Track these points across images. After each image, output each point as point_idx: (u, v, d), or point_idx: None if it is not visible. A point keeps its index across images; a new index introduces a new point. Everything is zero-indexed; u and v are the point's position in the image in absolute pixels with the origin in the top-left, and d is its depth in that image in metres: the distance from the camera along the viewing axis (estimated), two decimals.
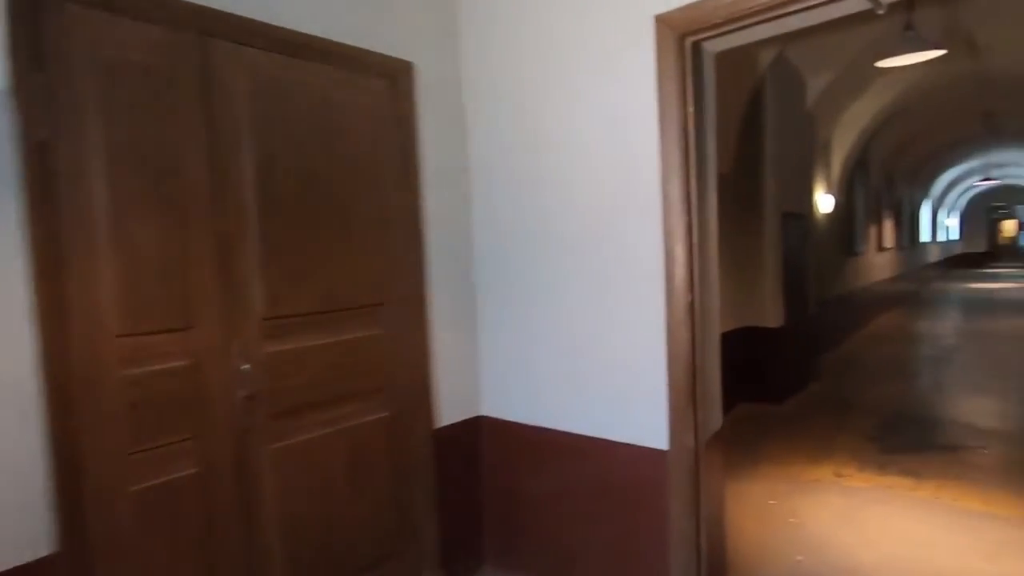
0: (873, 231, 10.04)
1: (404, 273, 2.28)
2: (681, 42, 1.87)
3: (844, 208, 8.25)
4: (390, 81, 2.24)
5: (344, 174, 2.10)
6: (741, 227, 5.08)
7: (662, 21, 1.89)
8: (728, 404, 4.40)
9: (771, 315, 5.12)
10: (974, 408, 5.00)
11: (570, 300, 2.25)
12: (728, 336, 5.23)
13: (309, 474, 2.00)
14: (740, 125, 4.90)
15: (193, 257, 1.70)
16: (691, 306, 1.94)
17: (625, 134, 2.04)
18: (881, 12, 1.85)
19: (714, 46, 1.97)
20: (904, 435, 4.30)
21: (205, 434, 1.74)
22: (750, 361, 5.11)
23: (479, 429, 2.57)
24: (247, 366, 1.80)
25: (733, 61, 4.42)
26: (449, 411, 2.47)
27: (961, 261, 22.41)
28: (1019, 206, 23.47)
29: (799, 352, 5.63)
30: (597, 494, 2.23)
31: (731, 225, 4.95)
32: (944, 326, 9.52)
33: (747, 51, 4.49)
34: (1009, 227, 25.95)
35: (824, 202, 7.14)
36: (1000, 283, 16.30)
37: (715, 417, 2.15)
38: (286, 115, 1.94)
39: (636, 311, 2.06)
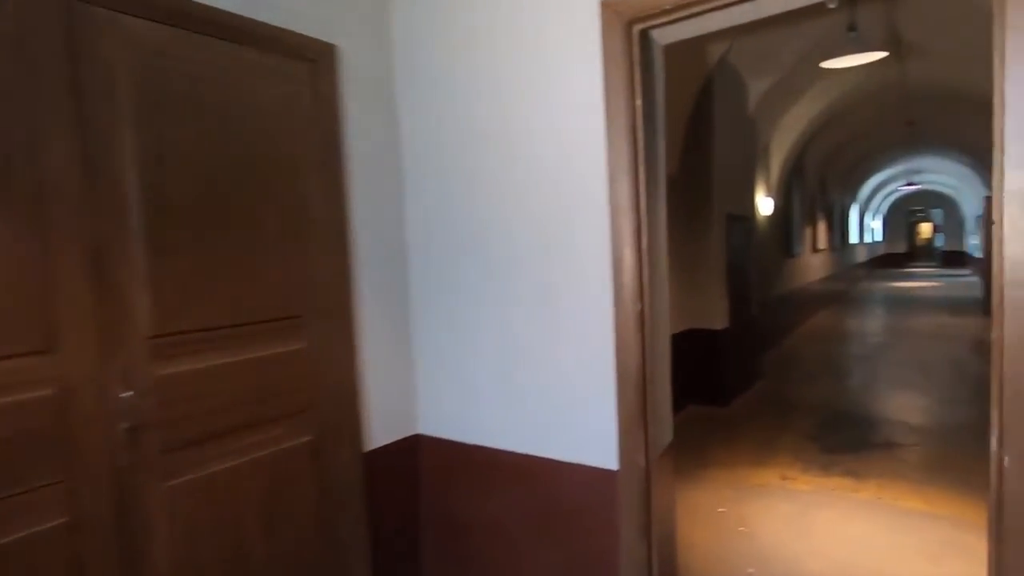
0: (808, 233, 10.43)
1: (327, 281, 2.04)
2: (628, 29, 1.73)
3: (782, 211, 8.49)
4: (310, 66, 2.00)
5: (255, 170, 1.85)
6: (688, 229, 5.07)
7: (608, 6, 1.74)
8: (677, 406, 4.28)
9: (717, 317, 5.14)
10: (904, 405, 5.18)
11: (512, 309, 2.07)
12: (675, 338, 5.23)
13: (215, 512, 1.74)
14: (687, 126, 4.88)
15: (58, 264, 1.41)
16: (641, 315, 1.80)
17: (569, 129, 1.88)
18: (832, 6, 1.77)
19: (663, 36, 1.84)
20: (843, 434, 4.38)
21: (76, 476, 1.45)
22: (697, 363, 5.11)
23: (416, 449, 2.36)
24: (129, 393, 1.52)
25: (681, 61, 4.38)
26: (382, 431, 2.24)
27: (885, 261, 23.84)
28: (934, 210, 25.20)
29: (744, 353, 5.69)
30: (543, 518, 2.07)
31: (678, 227, 4.93)
32: (872, 324, 9.99)
33: (694, 50, 4.46)
34: (925, 229, 27.89)
35: (764, 205, 7.30)
36: (918, 282, 17.41)
37: (665, 431, 2.03)
38: (182, 100, 1.66)
39: (582, 321, 1.91)
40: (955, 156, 12.92)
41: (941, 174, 16.26)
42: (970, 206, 19.54)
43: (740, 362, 5.59)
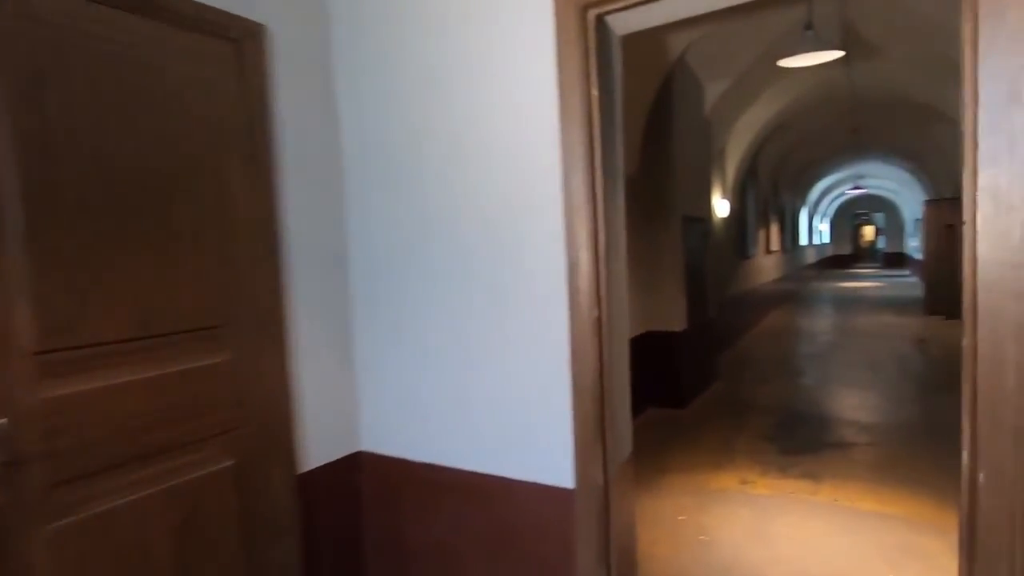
0: (762, 235, 10.66)
1: (253, 287, 1.83)
2: (583, 14, 1.60)
3: (737, 213, 8.62)
4: (234, 47, 1.79)
5: (168, 163, 1.63)
6: (646, 230, 5.02)
7: None
8: (635, 410, 4.23)
9: (675, 319, 5.11)
10: (855, 404, 5.28)
11: (461, 317, 1.92)
12: (633, 341, 5.19)
13: (117, 554, 1.51)
14: (646, 125, 4.83)
15: None
16: (598, 322, 1.68)
17: (521, 121, 1.74)
18: None
19: (619, 24, 1.72)
20: (799, 434, 4.40)
21: None
22: (655, 365, 5.07)
23: (357, 468, 2.17)
24: (2, 420, 1.29)
25: (640, 58, 4.32)
26: (319, 449, 2.05)
27: (832, 262, 24.78)
28: (877, 213, 26.39)
29: (702, 354, 5.69)
30: (495, 540, 1.92)
31: (636, 228, 4.88)
32: (822, 323, 10.28)
33: (653, 47, 4.41)
34: (868, 232, 29.20)
35: (720, 207, 7.38)
36: (863, 282, 18.14)
37: (624, 445, 1.91)
38: (78, 80, 1.44)
39: (536, 328, 1.77)
40: (896, 162, 13.49)
41: (883, 179, 16.99)
42: (909, 210, 20.53)
43: (698, 364, 5.59)
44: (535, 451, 1.80)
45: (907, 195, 18.48)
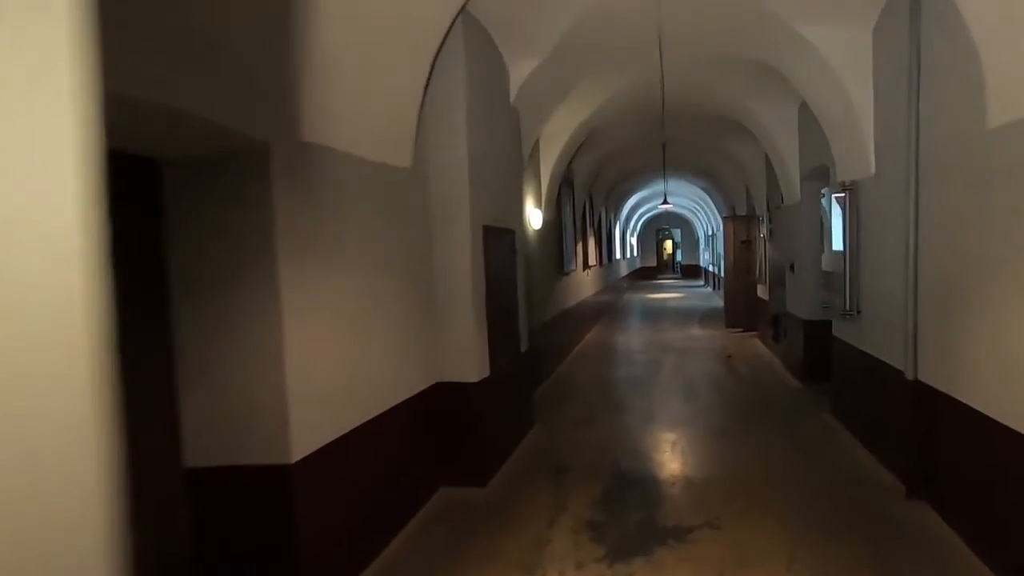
0: (580, 249, 10.14)
1: None
2: None
3: (555, 225, 7.81)
4: None
5: None
6: (425, 246, 3.66)
7: None
8: (426, 491, 2.88)
9: (470, 364, 3.80)
10: (684, 449, 4.51)
11: None
12: (420, 398, 3.80)
13: None
14: (421, 102, 3.47)
15: None
16: None
17: None
18: None
19: None
20: (629, 516, 3.36)
21: None
22: (448, 429, 3.72)
23: None
24: None
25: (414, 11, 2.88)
26: None
27: (641, 274, 26.52)
28: (675, 229, 29.10)
29: (512, 402, 4.50)
30: None
31: (407, 243, 3.47)
32: (638, 340, 10.05)
33: None
34: (669, 246, 32.14)
35: (534, 217, 6.39)
36: (668, 293, 19.31)
37: None
38: None
39: None
40: (694, 180, 14.26)
41: (684, 197, 18.21)
42: (702, 226, 22.67)
43: (506, 417, 4.37)
44: None
45: (701, 213, 20.17)
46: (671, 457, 4.37)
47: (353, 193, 2.91)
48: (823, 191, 6.33)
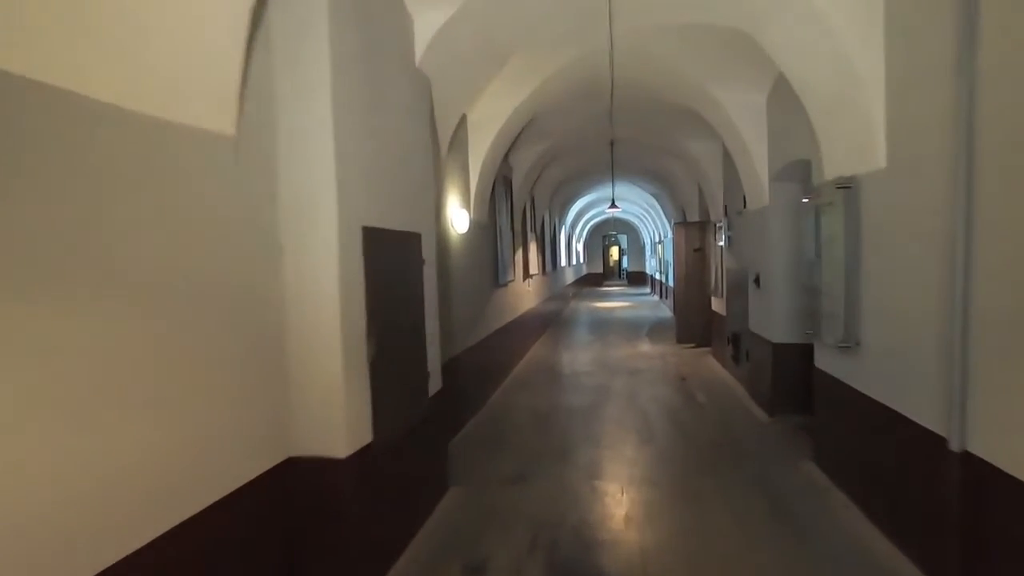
0: (520, 257, 9.04)
1: None
2: None
3: (488, 229, 6.67)
4: None
5: None
6: (265, 257, 2.42)
7: None
8: None
9: (338, 432, 2.57)
10: (648, 534, 3.43)
11: None
12: (250, 492, 2.45)
13: None
14: (247, 46, 2.23)
15: None
16: None
17: None
18: None
19: None
20: None
21: None
22: (302, 529, 2.49)
23: None
24: None
25: None
26: None
27: (587, 281, 25.83)
28: (621, 235, 28.64)
29: (406, 475, 3.29)
30: None
31: (231, 253, 2.21)
32: (583, 357, 9.02)
33: None
34: (615, 252, 31.71)
35: (458, 219, 5.22)
36: (615, 302, 18.54)
37: None
38: None
39: None
40: (643, 184, 13.49)
41: (631, 203, 17.50)
42: (648, 233, 22.13)
43: (397, 500, 3.17)
44: None
45: (648, 219, 19.57)
46: (625, 536, 3.28)
47: (112, 168, 1.66)
48: (813, 187, 5.48)
